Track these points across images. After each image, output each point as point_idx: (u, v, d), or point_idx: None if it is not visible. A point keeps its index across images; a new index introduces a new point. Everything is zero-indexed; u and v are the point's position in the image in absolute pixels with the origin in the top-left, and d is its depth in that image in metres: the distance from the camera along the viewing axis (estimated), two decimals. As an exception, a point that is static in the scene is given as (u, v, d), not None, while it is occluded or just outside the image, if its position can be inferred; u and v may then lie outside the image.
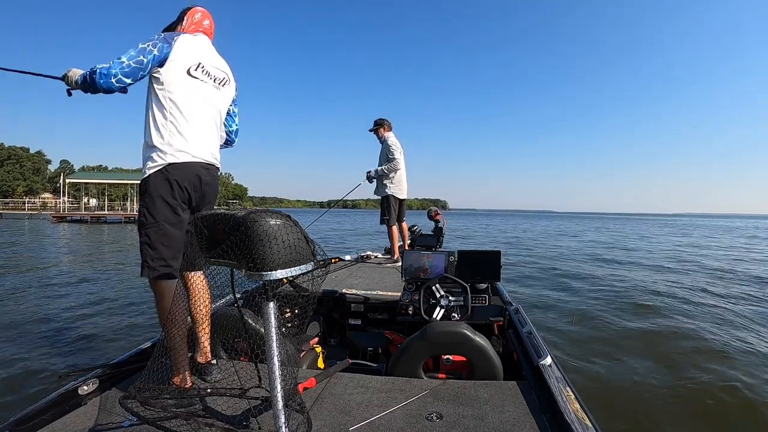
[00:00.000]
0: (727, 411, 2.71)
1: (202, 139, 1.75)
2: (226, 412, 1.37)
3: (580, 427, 1.23)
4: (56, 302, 5.21)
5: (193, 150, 1.70)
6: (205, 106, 1.77)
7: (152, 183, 1.63)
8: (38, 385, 2.86)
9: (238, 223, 1.08)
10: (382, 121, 4.85)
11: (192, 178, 1.69)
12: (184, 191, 1.67)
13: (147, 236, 1.62)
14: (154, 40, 1.65)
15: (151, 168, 1.64)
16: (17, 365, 3.20)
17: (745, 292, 6.65)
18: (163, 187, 1.63)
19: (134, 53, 1.60)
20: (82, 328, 4.11)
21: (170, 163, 1.64)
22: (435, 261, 2.54)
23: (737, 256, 12.62)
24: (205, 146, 1.76)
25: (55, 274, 7.37)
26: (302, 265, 1.13)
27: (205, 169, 1.75)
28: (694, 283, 7.37)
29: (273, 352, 1.09)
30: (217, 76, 1.83)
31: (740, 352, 3.72)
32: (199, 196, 1.74)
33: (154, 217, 1.61)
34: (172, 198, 1.64)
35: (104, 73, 1.55)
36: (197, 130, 1.73)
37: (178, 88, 1.68)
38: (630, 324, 4.65)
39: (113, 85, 1.59)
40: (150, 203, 1.63)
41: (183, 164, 1.66)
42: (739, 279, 8.03)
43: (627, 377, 3.20)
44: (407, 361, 1.79)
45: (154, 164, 1.64)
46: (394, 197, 4.76)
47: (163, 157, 1.64)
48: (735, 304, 5.69)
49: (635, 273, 8.65)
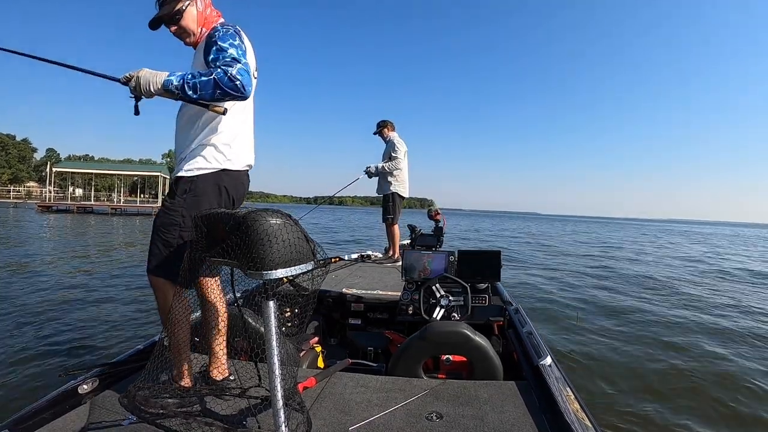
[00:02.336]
0: (729, 411, 2.71)
1: (250, 143, 1.67)
2: (226, 412, 1.36)
3: (580, 427, 1.23)
4: (53, 300, 5.20)
5: (246, 157, 1.62)
6: (252, 107, 1.69)
7: (201, 185, 1.51)
8: (38, 384, 2.86)
9: (238, 222, 1.08)
10: (386, 122, 4.90)
11: (240, 186, 1.62)
12: (231, 201, 1.59)
13: (182, 238, 1.49)
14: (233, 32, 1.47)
15: (201, 169, 1.51)
16: (17, 364, 3.20)
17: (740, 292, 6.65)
18: (213, 192, 1.52)
19: (241, 51, 1.43)
20: (82, 327, 4.11)
21: (225, 169, 1.54)
22: (435, 261, 2.54)
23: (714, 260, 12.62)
24: (251, 151, 1.68)
25: (50, 269, 7.36)
26: (302, 264, 1.13)
27: (247, 177, 1.68)
28: (696, 282, 7.37)
29: (273, 352, 1.09)
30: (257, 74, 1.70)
31: (747, 351, 3.72)
32: (238, 205, 1.65)
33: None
34: (218, 206, 1.53)
35: (246, 78, 1.36)
36: (249, 135, 1.65)
37: None
38: (630, 324, 4.65)
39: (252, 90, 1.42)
40: (195, 206, 1.48)
41: (236, 172, 1.58)
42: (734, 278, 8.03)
43: (627, 377, 3.20)
44: (407, 360, 1.78)
45: (207, 165, 1.52)
46: (399, 195, 4.77)
47: (220, 161, 1.53)
48: (732, 301, 5.69)
49: (634, 272, 8.65)
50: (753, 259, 13.54)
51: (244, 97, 1.40)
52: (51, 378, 2.90)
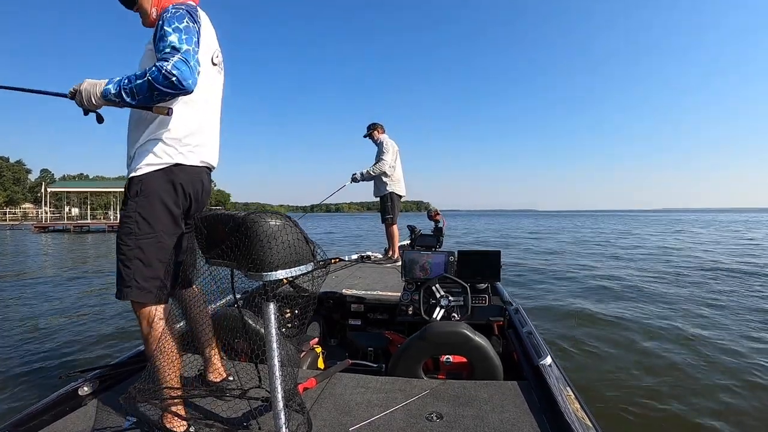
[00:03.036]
0: (732, 411, 2.70)
1: (212, 138, 1.51)
2: (227, 413, 1.37)
3: (580, 427, 1.23)
4: (53, 309, 5.20)
5: (203, 152, 1.45)
6: (216, 98, 1.53)
7: (151, 183, 1.33)
8: (38, 386, 2.86)
9: (238, 223, 1.09)
10: (375, 125, 4.93)
11: (197, 184, 1.44)
12: (188, 199, 1.41)
13: (140, 249, 1.31)
14: (183, 11, 1.31)
15: (150, 164, 1.34)
16: (17, 367, 3.20)
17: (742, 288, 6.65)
18: (166, 190, 1.35)
19: (186, 35, 1.26)
20: (82, 331, 4.11)
21: (178, 164, 1.37)
22: (435, 261, 2.54)
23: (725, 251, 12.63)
24: (213, 147, 1.52)
25: (49, 281, 7.36)
26: (302, 265, 1.13)
27: (207, 174, 1.52)
28: (697, 281, 7.37)
29: (273, 353, 1.09)
30: (221, 60, 1.55)
31: (750, 350, 3.72)
32: (197, 204, 1.48)
33: (151, 226, 1.32)
34: (174, 205, 1.37)
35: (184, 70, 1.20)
36: (209, 127, 1.49)
37: (200, 78, 1.35)
38: (631, 324, 4.65)
39: (197, 82, 1.27)
40: (147, 208, 1.32)
41: (191, 167, 1.40)
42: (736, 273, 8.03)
43: (628, 377, 3.20)
44: (407, 361, 1.79)
45: (156, 160, 1.34)
46: (396, 194, 4.78)
47: (170, 154, 1.36)
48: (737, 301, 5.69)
49: (634, 271, 8.65)
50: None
51: (185, 93, 1.25)
52: (51, 380, 2.90)
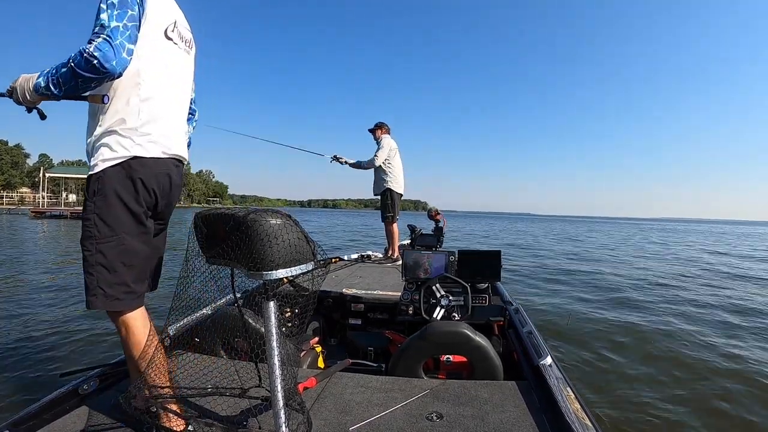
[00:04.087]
0: (733, 411, 2.70)
1: (176, 126, 1.39)
2: (227, 412, 1.36)
3: (580, 427, 1.23)
4: (52, 303, 5.20)
5: (166, 141, 1.33)
6: (180, 80, 1.41)
7: (109, 181, 1.24)
8: (38, 384, 2.86)
9: (238, 222, 1.08)
10: (381, 124, 5.05)
11: (162, 178, 1.33)
12: (151, 195, 1.31)
13: (101, 253, 1.23)
14: None
15: (106, 160, 1.24)
16: (17, 365, 3.20)
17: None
18: (125, 187, 1.25)
19: (119, 10, 1.16)
20: (82, 329, 4.11)
21: (136, 157, 1.25)
22: (435, 261, 2.54)
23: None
24: (179, 136, 1.40)
25: (47, 274, 7.36)
26: (302, 264, 1.13)
27: (176, 167, 1.40)
28: (695, 283, 7.37)
29: (273, 352, 1.09)
30: (186, 36, 1.42)
31: (748, 349, 3.72)
32: (166, 200, 1.38)
33: (111, 228, 1.24)
34: (135, 203, 1.27)
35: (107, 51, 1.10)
36: (171, 113, 1.36)
37: (152, 56, 1.27)
38: (630, 324, 4.65)
39: (126, 62, 1.17)
40: (105, 208, 1.24)
41: (152, 160, 1.29)
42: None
43: (628, 377, 3.20)
44: (407, 360, 1.78)
45: (112, 155, 1.24)
46: (396, 192, 4.80)
47: (128, 148, 1.25)
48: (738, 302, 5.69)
49: (633, 271, 8.65)
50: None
51: (110, 77, 1.15)
52: (51, 379, 2.90)
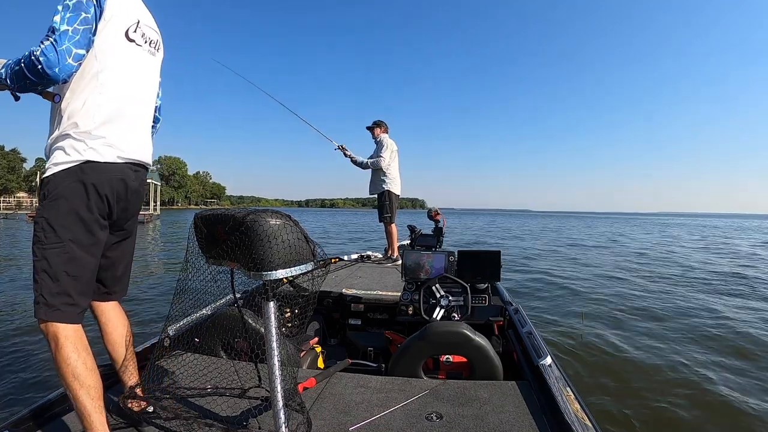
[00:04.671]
0: (735, 412, 2.70)
1: (135, 130, 1.32)
2: (226, 412, 1.37)
3: (580, 427, 1.23)
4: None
5: (122, 145, 1.27)
6: (142, 83, 1.36)
7: (59, 185, 1.19)
8: (38, 385, 2.86)
9: (238, 223, 1.09)
10: (380, 123, 5.02)
11: (116, 184, 1.26)
12: (104, 201, 1.24)
13: (46, 260, 1.16)
14: None
15: (58, 164, 1.19)
16: (17, 366, 3.20)
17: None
18: (76, 193, 1.19)
19: (71, 13, 1.13)
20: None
21: (88, 161, 1.20)
22: (435, 261, 2.54)
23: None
24: (137, 140, 1.33)
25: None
26: (302, 264, 1.13)
27: (134, 172, 1.33)
28: (698, 282, 7.37)
29: (273, 352, 1.09)
30: (151, 38, 1.39)
31: (748, 350, 3.72)
32: (121, 208, 1.31)
33: (57, 234, 1.17)
34: (86, 210, 1.20)
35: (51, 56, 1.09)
36: (130, 117, 1.31)
37: (112, 57, 1.24)
38: (631, 323, 4.65)
39: (72, 68, 1.14)
40: (54, 213, 1.18)
41: (106, 165, 1.23)
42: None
43: (628, 377, 3.20)
44: (407, 361, 1.78)
45: (64, 158, 1.19)
46: (394, 193, 4.80)
47: (80, 151, 1.20)
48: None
49: (635, 272, 8.65)
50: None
51: (53, 82, 1.14)
52: (51, 379, 2.90)
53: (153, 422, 1.29)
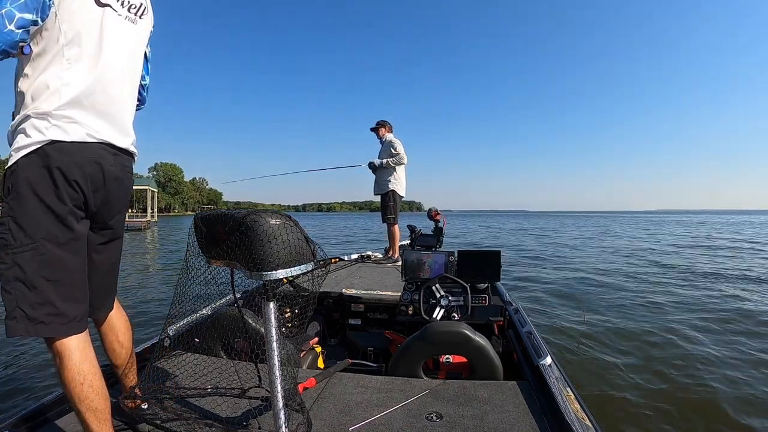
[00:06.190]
0: (735, 412, 2.70)
1: (112, 106, 1.14)
2: (226, 412, 1.37)
3: (580, 427, 1.23)
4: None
5: (95, 124, 1.09)
6: (119, 54, 1.16)
7: (21, 174, 1.01)
8: (38, 385, 2.86)
9: (238, 223, 1.09)
10: (384, 123, 5.02)
11: (89, 168, 1.07)
12: (76, 189, 1.06)
13: (18, 266, 1.00)
14: None
15: (20, 148, 1.02)
16: (17, 366, 3.20)
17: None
18: (41, 179, 1.02)
19: None
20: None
21: (53, 141, 1.02)
22: (435, 261, 2.54)
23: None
24: (116, 119, 1.15)
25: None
26: (302, 264, 1.13)
27: (113, 156, 1.14)
28: (699, 280, 7.37)
29: (273, 352, 1.09)
30: (132, 1, 1.20)
31: (748, 352, 3.72)
32: (100, 197, 1.13)
33: (27, 234, 1.00)
34: (57, 200, 1.03)
35: None
36: (105, 92, 1.11)
37: (79, 22, 1.05)
38: (631, 323, 4.65)
39: (14, 37, 0.97)
40: (19, 209, 1.00)
41: (74, 145, 1.05)
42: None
43: (628, 377, 3.20)
44: (407, 361, 1.78)
45: (26, 141, 1.02)
46: (398, 194, 4.79)
47: (41, 129, 1.02)
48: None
49: (636, 272, 8.66)
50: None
51: None
52: (51, 379, 2.90)
53: (153, 422, 1.29)
